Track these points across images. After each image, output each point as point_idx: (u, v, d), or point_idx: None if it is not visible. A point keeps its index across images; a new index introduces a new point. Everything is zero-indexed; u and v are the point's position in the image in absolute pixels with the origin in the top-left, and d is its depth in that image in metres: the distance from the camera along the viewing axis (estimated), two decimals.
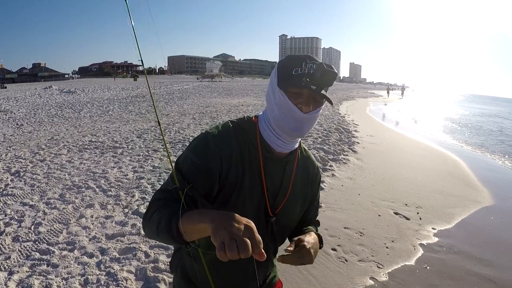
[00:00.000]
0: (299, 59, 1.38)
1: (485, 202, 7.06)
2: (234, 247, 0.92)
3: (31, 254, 4.15)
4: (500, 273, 4.47)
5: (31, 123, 14.35)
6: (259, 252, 0.96)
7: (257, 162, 1.46)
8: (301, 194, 1.65)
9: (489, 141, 17.06)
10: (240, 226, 0.97)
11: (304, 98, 1.34)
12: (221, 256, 0.92)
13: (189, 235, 1.14)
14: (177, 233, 1.15)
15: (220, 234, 0.96)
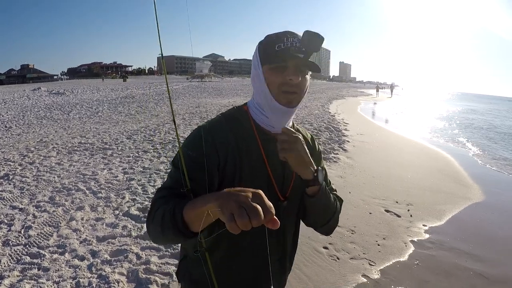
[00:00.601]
0: (280, 35, 1.37)
1: (475, 198, 7.13)
2: (245, 214, 0.86)
3: (21, 258, 4.12)
4: (491, 268, 4.53)
5: (19, 125, 14.22)
6: (271, 218, 0.90)
7: (256, 146, 1.43)
8: None
9: (479, 138, 17.19)
10: (247, 194, 0.92)
11: (292, 69, 1.32)
12: (232, 228, 0.87)
13: (196, 223, 1.09)
14: (183, 224, 1.11)
15: (227, 206, 0.90)
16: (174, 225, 1.12)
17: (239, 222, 0.86)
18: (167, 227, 1.14)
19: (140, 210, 5.48)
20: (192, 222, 1.09)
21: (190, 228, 1.11)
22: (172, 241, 1.24)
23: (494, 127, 23.59)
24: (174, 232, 1.13)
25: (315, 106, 23.54)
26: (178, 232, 1.12)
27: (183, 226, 1.11)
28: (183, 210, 1.11)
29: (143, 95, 29.51)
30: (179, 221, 1.11)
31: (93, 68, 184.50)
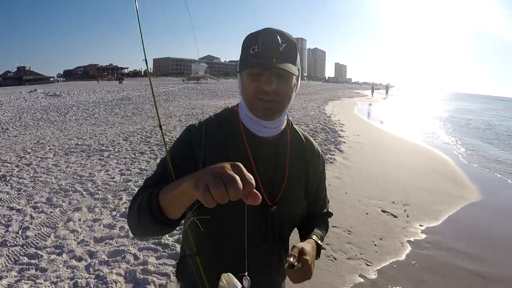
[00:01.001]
0: (255, 35, 1.31)
1: (472, 198, 7.16)
2: (220, 183, 0.78)
3: (19, 258, 4.12)
4: (488, 267, 4.56)
5: (16, 127, 14.20)
6: (251, 190, 0.81)
7: (244, 148, 1.39)
8: (302, 177, 1.53)
9: (475, 138, 17.25)
10: (224, 164, 0.83)
11: (265, 77, 1.26)
12: (207, 199, 0.79)
13: (171, 208, 1.03)
14: (158, 209, 1.04)
15: (202, 179, 0.83)
16: (150, 211, 1.06)
17: (213, 192, 0.78)
18: (144, 213, 1.08)
19: None
20: (168, 206, 1.03)
21: (166, 214, 1.04)
22: (149, 231, 1.15)
23: (491, 126, 23.71)
24: (150, 219, 1.06)
25: (311, 107, 23.55)
26: (154, 219, 1.06)
27: (158, 212, 1.04)
28: (159, 194, 1.06)
29: (139, 97, 29.47)
30: (154, 206, 1.05)
31: (89, 70, 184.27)
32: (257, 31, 1.32)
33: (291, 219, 1.53)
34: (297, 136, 1.58)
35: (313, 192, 1.61)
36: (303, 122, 15.26)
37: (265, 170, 1.41)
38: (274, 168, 1.43)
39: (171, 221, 1.06)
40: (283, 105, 1.36)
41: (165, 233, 1.17)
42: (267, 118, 1.36)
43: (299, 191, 1.51)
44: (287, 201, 1.44)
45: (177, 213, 1.05)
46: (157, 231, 1.12)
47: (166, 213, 1.04)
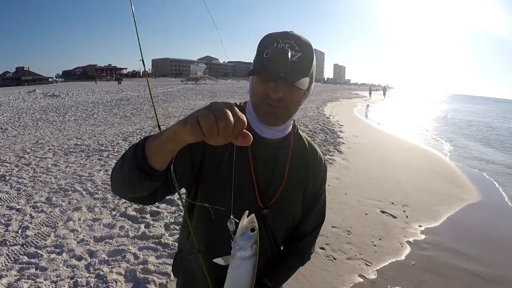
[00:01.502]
0: (272, 38, 1.26)
1: (470, 199, 7.19)
2: (210, 114, 0.76)
3: (19, 257, 4.13)
4: (487, 268, 4.58)
5: (15, 127, 14.18)
6: (242, 128, 0.80)
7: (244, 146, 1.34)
8: (301, 185, 1.51)
9: (473, 139, 17.31)
10: (216, 101, 0.81)
11: (272, 84, 1.23)
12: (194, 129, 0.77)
13: (156, 155, 0.98)
14: (142, 155, 1.00)
15: (192, 116, 0.80)
16: (134, 157, 1.01)
17: (202, 123, 0.76)
18: (127, 160, 1.04)
19: (137, 211, 5.48)
20: (153, 152, 0.99)
21: (150, 163, 1.00)
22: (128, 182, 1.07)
23: (492, 128, 23.76)
24: (131, 167, 1.01)
25: (310, 108, 23.54)
26: (135, 165, 1.00)
27: (141, 157, 1.00)
28: (146, 141, 1.02)
29: (138, 97, 29.44)
30: (139, 152, 1.01)
31: (88, 70, 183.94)
32: (275, 34, 1.28)
33: (283, 224, 1.51)
34: (301, 141, 1.57)
35: (310, 200, 1.58)
36: (302, 123, 15.27)
37: (263, 172, 1.40)
38: (272, 171, 1.42)
39: (152, 170, 1.01)
40: (289, 112, 1.35)
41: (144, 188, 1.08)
42: (269, 123, 1.35)
43: (295, 198, 1.50)
44: (281, 206, 1.43)
45: (161, 161, 1.00)
46: (136, 181, 1.04)
47: (150, 161, 1.00)
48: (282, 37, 1.25)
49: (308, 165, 1.54)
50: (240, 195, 1.33)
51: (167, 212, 5.48)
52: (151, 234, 4.76)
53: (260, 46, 1.29)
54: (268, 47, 1.25)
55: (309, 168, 1.54)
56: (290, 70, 1.20)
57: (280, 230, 1.51)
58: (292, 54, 1.21)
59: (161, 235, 4.73)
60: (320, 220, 1.68)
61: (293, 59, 1.22)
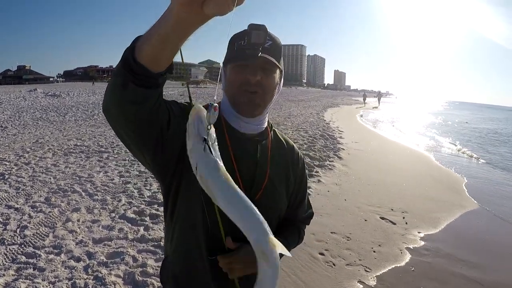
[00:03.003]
0: (241, 33, 1.33)
1: (470, 206, 7.18)
2: None
3: (17, 257, 4.11)
4: (486, 274, 4.58)
5: (15, 125, 14.18)
6: None
7: (224, 143, 1.35)
8: (283, 177, 1.53)
9: (473, 146, 17.32)
10: None
11: (250, 68, 1.29)
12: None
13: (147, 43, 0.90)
14: (131, 48, 0.93)
15: None
16: (124, 57, 0.94)
17: None
18: (117, 67, 0.96)
19: (136, 214, 5.47)
20: (143, 42, 0.91)
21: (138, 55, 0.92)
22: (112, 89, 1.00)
23: (495, 134, 23.84)
24: (117, 66, 0.95)
25: (310, 114, 23.59)
26: (120, 63, 0.94)
27: (129, 49, 0.93)
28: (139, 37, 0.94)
29: None
30: (130, 46, 0.94)
31: (89, 71, 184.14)
32: (245, 29, 1.31)
33: (271, 217, 1.47)
34: (277, 138, 1.59)
35: (295, 193, 1.61)
36: (302, 129, 15.28)
37: (246, 167, 1.40)
38: (255, 165, 1.42)
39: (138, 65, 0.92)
40: (266, 99, 1.38)
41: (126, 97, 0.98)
42: (249, 113, 1.38)
43: (280, 191, 1.51)
44: (267, 200, 1.43)
45: (150, 52, 0.91)
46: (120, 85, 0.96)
47: (137, 52, 0.92)
48: (253, 28, 1.27)
49: (287, 158, 1.58)
50: None
51: None
52: (150, 237, 4.75)
53: (231, 41, 1.37)
54: (240, 39, 1.31)
55: (288, 161, 1.58)
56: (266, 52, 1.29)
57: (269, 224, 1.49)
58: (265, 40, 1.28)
59: (161, 238, 4.71)
60: (310, 212, 1.78)
61: (265, 46, 1.29)
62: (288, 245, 1.57)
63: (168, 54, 0.93)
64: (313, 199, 6.69)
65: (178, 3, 0.76)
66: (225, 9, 0.74)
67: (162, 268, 1.54)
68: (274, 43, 1.34)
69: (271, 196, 1.45)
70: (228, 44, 1.38)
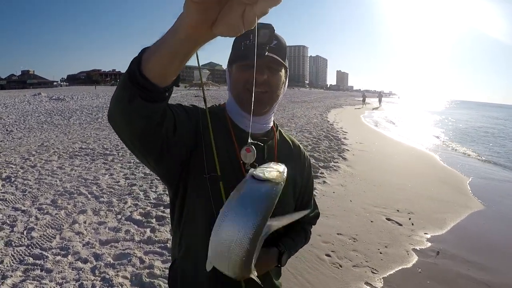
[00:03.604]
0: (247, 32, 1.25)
1: (476, 207, 7.14)
2: None
3: (24, 258, 4.12)
4: (493, 276, 4.55)
5: (20, 129, 14.23)
6: None
7: (231, 142, 1.38)
8: (290, 176, 1.40)
9: (479, 146, 17.30)
10: None
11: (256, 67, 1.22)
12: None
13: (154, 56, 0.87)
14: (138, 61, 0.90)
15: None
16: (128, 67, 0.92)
17: None
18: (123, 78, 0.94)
19: (142, 215, 5.48)
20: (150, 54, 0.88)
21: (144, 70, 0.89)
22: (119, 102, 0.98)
23: (495, 132, 23.79)
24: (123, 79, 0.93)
25: (313, 115, 23.57)
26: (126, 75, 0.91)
27: (136, 63, 0.90)
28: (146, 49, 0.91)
29: None
30: (136, 58, 0.91)
31: (92, 75, 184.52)
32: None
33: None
34: (283, 138, 1.60)
35: (302, 194, 1.61)
36: (306, 130, 15.27)
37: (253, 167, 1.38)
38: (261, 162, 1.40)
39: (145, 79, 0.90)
40: (273, 98, 1.39)
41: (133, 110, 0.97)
42: (256, 110, 1.33)
43: (287, 192, 1.50)
44: None
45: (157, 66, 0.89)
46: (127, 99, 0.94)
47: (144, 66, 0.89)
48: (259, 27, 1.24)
49: (294, 159, 1.57)
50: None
51: None
52: (157, 238, 4.75)
53: (236, 41, 1.37)
54: (245, 39, 1.32)
55: (295, 162, 1.57)
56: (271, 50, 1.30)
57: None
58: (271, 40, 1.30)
59: (167, 239, 4.71)
60: (316, 212, 1.78)
61: (271, 45, 1.31)
62: (295, 246, 1.61)
63: (175, 69, 0.91)
64: (319, 200, 6.66)
65: (187, 25, 0.73)
66: (235, 32, 0.72)
67: (170, 271, 1.53)
68: (279, 43, 1.34)
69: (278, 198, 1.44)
70: (233, 43, 1.39)
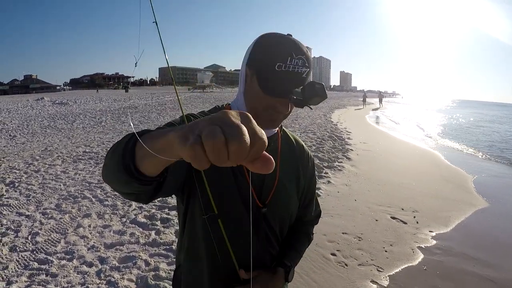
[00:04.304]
0: (283, 50, 1.21)
1: (481, 204, 7.12)
2: (219, 132, 0.54)
3: (29, 263, 4.13)
4: (500, 272, 4.53)
5: (24, 134, 14.27)
6: (261, 150, 0.59)
7: None
8: (293, 178, 1.52)
9: (482, 144, 17.27)
10: (227, 111, 0.59)
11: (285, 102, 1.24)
12: (196, 155, 0.55)
13: (147, 162, 0.83)
14: (131, 156, 0.86)
15: (194, 129, 0.59)
16: (122, 151, 0.87)
17: (208, 145, 0.54)
18: (116, 155, 0.89)
19: (147, 218, 5.48)
20: (143, 158, 0.84)
21: (139, 167, 0.86)
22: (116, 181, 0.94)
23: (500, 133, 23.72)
24: (118, 164, 0.87)
25: (317, 115, 23.54)
26: (122, 165, 0.86)
27: (130, 158, 0.86)
28: (137, 140, 0.84)
29: (145, 106, 29.57)
30: (129, 150, 0.86)
31: (96, 78, 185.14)
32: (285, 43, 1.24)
33: (282, 219, 1.51)
34: (287, 137, 1.59)
35: (304, 194, 1.61)
36: (310, 130, 15.25)
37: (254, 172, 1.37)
38: None
39: (141, 174, 0.87)
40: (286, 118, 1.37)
41: (133, 189, 0.94)
42: (267, 128, 1.34)
43: (290, 192, 1.51)
44: (278, 203, 1.44)
45: (151, 169, 0.86)
46: (124, 182, 0.91)
47: (139, 165, 0.86)
48: (295, 50, 1.22)
49: (297, 159, 1.57)
50: (237, 197, 1.35)
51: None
52: (162, 240, 4.75)
53: (266, 50, 1.25)
54: (279, 59, 1.21)
55: (298, 162, 1.57)
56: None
57: (280, 225, 1.50)
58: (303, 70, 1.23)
59: (172, 241, 4.72)
60: (318, 211, 1.78)
61: (303, 76, 1.24)
62: (300, 255, 1.62)
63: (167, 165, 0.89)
64: (323, 200, 6.68)
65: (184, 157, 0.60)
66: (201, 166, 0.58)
67: (175, 277, 1.56)
68: (309, 70, 1.26)
69: (281, 199, 1.45)
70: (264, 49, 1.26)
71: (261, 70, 1.25)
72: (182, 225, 1.46)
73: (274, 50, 1.23)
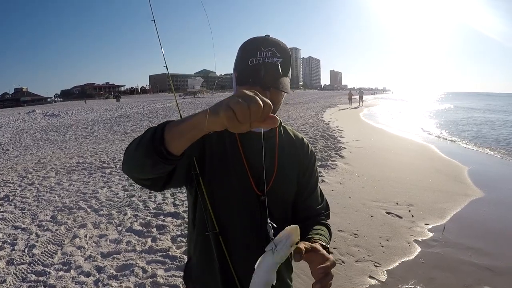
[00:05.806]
0: (253, 47, 1.35)
1: (475, 194, 7.18)
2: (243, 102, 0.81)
3: (27, 276, 4.12)
4: (495, 260, 4.57)
5: (16, 147, 14.24)
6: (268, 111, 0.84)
7: (233, 139, 1.44)
8: (293, 168, 1.56)
9: (475, 134, 17.42)
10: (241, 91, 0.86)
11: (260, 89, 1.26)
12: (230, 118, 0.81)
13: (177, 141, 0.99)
14: (160, 138, 1.00)
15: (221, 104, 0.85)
16: (151, 139, 1.01)
17: (238, 110, 0.80)
18: (143, 144, 1.04)
19: (143, 226, 5.48)
20: (173, 139, 1.00)
21: (168, 147, 1.00)
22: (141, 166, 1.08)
23: (491, 122, 23.87)
24: (148, 149, 1.02)
25: (309, 115, 23.61)
26: (153, 149, 1.00)
27: (160, 142, 1.00)
28: (165, 125, 1.02)
29: (137, 114, 29.57)
30: (158, 135, 1.01)
31: (86, 89, 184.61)
32: (257, 41, 1.36)
33: (282, 208, 1.53)
34: (287, 133, 1.63)
35: (305, 183, 1.61)
36: (302, 131, 15.28)
37: (254, 161, 1.43)
38: (264, 158, 1.41)
39: (170, 154, 1.01)
40: (275, 109, 1.40)
41: (156, 171, 1.09)
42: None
43: (289, 182, 1.53)
44: (277, 191, 1.47)
45: (179, 147, 1.02)
46: (150, 165, 1.05)
47: (168, 146, 1.00)
48: (264, 44, 1.34)
49: (297, 151, 1.60)
50: (237, 186, 1.42)
51: (173, 226, 5.47)
52: (158, 247, 4.76)
53: (243, 52, 1.38)
54: (251, 55, 1.33)
55: (298, 153, 1.60)
56: (277, 75, 1.31)
57: (280, 214, 1.51)
58: (275, 61, 1.32)
59: (169, 248, 4.72)
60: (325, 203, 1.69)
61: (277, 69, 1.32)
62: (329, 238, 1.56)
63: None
64: None
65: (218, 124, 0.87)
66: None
67: (186, 269, 1.61)
68: (284, 58, 1.35)
69: (281, 188, 1.49)
70: (240, 52, 1.40)
71: (239, 69, 1.39)
72: (192, 217, 1.51)
73: (248, 49, 1.36)
